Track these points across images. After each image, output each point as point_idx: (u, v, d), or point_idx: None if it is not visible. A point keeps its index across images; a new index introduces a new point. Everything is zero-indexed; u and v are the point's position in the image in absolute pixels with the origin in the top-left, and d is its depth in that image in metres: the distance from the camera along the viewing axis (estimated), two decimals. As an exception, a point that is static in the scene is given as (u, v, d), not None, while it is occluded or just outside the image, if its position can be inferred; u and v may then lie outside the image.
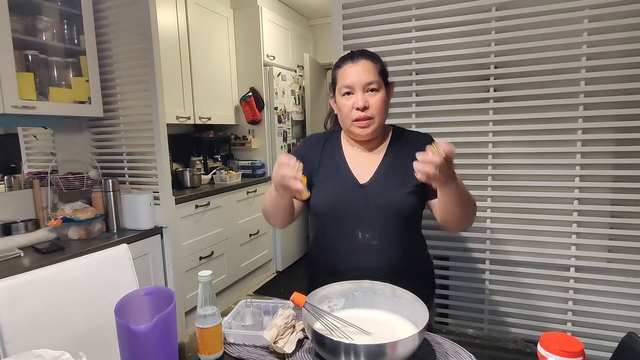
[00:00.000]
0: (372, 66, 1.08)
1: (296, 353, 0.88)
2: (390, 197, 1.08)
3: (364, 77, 1.06)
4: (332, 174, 1.15)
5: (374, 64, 1.08)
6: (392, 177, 1.10)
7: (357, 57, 1.09)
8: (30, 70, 1.77)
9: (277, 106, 3.46)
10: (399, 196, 1.08)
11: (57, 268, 1.11)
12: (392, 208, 1.08)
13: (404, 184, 1.09)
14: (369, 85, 1.06)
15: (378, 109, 1.07)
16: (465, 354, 0.87)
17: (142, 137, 2.04)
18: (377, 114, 1.08)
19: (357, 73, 1.07)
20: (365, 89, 1.07)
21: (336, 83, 1.12)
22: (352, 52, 1.12)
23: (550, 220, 1.51)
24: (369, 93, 1.07)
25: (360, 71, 1.07)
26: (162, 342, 0.78)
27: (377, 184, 1.10)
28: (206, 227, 2.69)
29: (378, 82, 1.07)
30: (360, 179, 1.12)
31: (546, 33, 1.43)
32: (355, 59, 1.09)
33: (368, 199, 1.09)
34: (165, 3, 2.63)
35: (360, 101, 1.06)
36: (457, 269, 1.67)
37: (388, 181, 1.10)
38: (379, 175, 1.11)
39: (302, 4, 4.05)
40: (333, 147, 1.19)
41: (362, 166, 1.14)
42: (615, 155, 1.43)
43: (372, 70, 1.07)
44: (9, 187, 1.87)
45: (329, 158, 1.17)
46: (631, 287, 1.43)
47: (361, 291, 0.99)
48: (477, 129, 1.57)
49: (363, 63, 1.08)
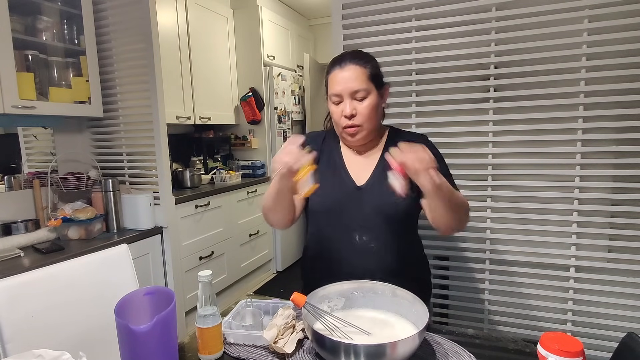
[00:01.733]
0: (360, 72, 1.03)
1: (296, 353, 0.88)
2: (386, 199, 1.07)
3: (351, 84, 1.03)
4: (330, 175, 1.14)
5: (362, 69, 1.04)
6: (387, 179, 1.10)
7: (345, 62, 1.04)
8: (30, 70, 1.77)
9: (277, 106, 3.46)
10: (395, 199, 1.06)
11: (57, 268, 1.10)
12: (389, 210, 1.07)
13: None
14: (355, 93, 1.03)
15: (366, 116, 1.05)
16: (465, 354, 0.87)
17: (142, 137, 2.04)
18: (366, 121, 1.05)
19: (344, 80, 1.03)
20: (352, 97, 1.04)
21: (327, 88, 1.09)
22: (342, 55, 1.08)
23: (550, 220, 1.51)
24: (357, 100, 1.04)
25: (347, 78, 1.03)
26: (162, 342, 0.78)
27: (373, 186, 1.09)
28: (206, 227, 2.69)
29: (367, 89, 1.03)
30: (358, 181, 1.11)
31: (546, 33, 1.43)
32: (343, 64, 1.04)
33: (365, 201, 1.08)
34: (165, 3, 2.63)
35: (347, 109, 1.03)
36: (457, 269, 1.67)
37: (384, 183, 1.09)
38: (375, 178, 1.10)
39: (302, 4, 4.05)
40: (331, 148, 1.18)
41: (359, 168, 1.13)
42: (615, 155, 1.43)
43: (360, 76, 1.03)
44: (9, 187, 1.87)
45: (327, 157, 1.17)
46: (631, 287, 1.44)
47: (361, 291, 0.99)
48: (477, 129, 1.57)
49: (351, 69, 1.03)
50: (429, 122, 1.64)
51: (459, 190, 1.14)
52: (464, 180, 1.60)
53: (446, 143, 1.61)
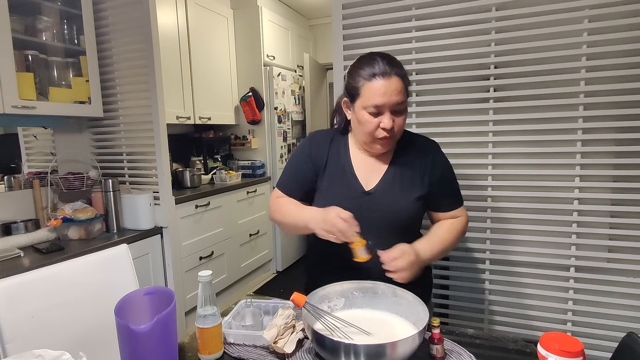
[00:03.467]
0: (402, 84, 1.00)
1: (296, 353, 0.88)
2: (395, 207, 1.07)
3: (396, 97, 0.99)
4: (338, 178, 1.12)
5: (403, 82, 1.00)
6: (398, 186, 1.09)
7: (390, 73, 0.99)
8: (30, 70, 1.77)
9: (277, 106, 3.46)
10: (403, 205, 1.07)
11: (57, 268, 1.10)
12: (396, 217, 1.07)
13: (409, 193, 1.08)
14: (398, 106, 1.01)
15: (402, 128, 1.05)
16: (465, 354, 0.87)
17: (142, 137, 2.04)
18: (400, 132, 1.06)
19: (389, 93, 0.98)
20: (392, 110, 1.01)
21: (359, 94, 1.02)
22: (384, 63, 1.00)
23: (550, 220, 1.51)
24: (396, 112, 1.02)
25: (392, 91, 0.98)
26: (162, 342, 0.78)
27: (382, 192, 1.09)
28: (206, 227, 2.69)
29: (405, 101, 1.02)
30: (366, 185, 1.10)
31: (546, 33, 1.43)
32: (388, 74, 0.98)
33: (373, 206, 1.07)
34: (165, 3, 2.63)
35: (389, 123, 1.00)
36: (457, 269, 1.67)
37: (394, 190, 1.09)
38: (384, 183, 1.09)
39: (302, 4, 4.05)
40: (340, 150, 1.15)
41: (369, 172, 1.11)
42: (616, 155, 1.43)
43: (402, 88, 1.00)
44: (9, 187, 1.87)
45: (335, 160, 1.14)
46: (631, 287, 1.43)
47: (361, 291, 0.99)
48: (477, 129, 1.57)
49: (396, 81, 0.99)
50: (429, 122, 1.64)
51: (461, 202, 1.16)
52: (464, 180, 1.60)
53: (446, 143, 1.61)
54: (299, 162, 1.18)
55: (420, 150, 1.13)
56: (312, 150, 1.16)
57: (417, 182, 1.10)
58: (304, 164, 1.16)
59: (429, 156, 1.12)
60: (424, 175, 1.11)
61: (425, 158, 1.12)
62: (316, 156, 1.15)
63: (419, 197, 1.09)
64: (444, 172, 1.13)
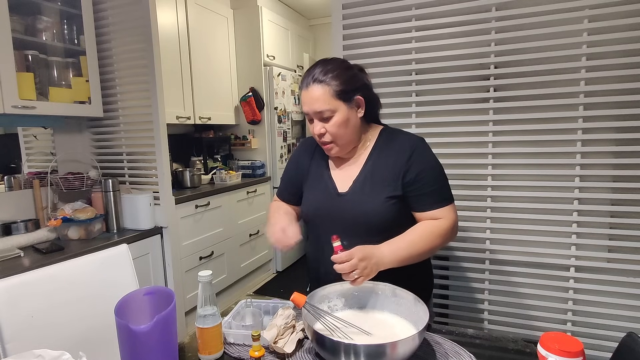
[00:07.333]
0: (322, 92, 1.01)
1: (296, 353, 0.88)
2: (364, 208, 1.06)
3: (315, 106, 1.02)
4: (316, 181, 1.16)
5: (326, 88, 1.01)
6: (368, 186, 1.08)
7: (308, 83, 1.03)
8: (30, 70, 1.77)
9: (277, 106, 3.46)
10: (372, 207, 1.05)
11: (57, 268, 1.11)
12: (366, 219, 1.06)
13: (380, 193, 1.06)
14: (320, 114, 1.03)
15: (334, 134, 1.05)
16: (465, 354, 0.87)
17: (142, 137, 2.04)
18: (336, 137, 1.06)
19: (309, 102, 1.03)
20: (319, 116, 1.04)
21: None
22: (308, 72, 1.05)
23: (550, 220, 1.51)
24: (324, 120, 1.04)
25: (311, 99, 1.02)
26: (162, 342, 0.78)
27: (353, 193, 1.09)
28: (206, 227, 2.69)
29: (331, 109, 1.02)
30: (340, 187, 1.11)
31: (546, 33, 1.43)
32: (307, 83, 1.04)
33: (345, 208, 1.08)
34: (165, 3, 2.63)
35: (317, 129, 1.06)
36: (457, 269, 1.67)
37: (364, 190, 1.08)
38: (356, 185, 1.09)
39: (302, 4, 4.05)
40: (322, 155, 1.18)
41: (345, 175, 1.13)
42: (615, 155, 1.43)
43: (322, 96, 1.01)
44: (9, 187, 1.87)
45: (317, 164, 1.19)
46: (631, 287, 1.44)
47: (361, 291, 0.99)
48: (477, 129, 1.57)
49: (314, 89, 1.02)
50: (428, 122, 1.64)
51: (445, 203, 1.07)
52: (464, 180, 1.61)
53: (446, 143, 1.61)
54: (290, 168, 1.26)
55: (399, 149, 1.09)
56: (299, 155, 1.24)
57: (389, 182, 1.06)
58: (294, 170, 1.24)
59: (406, 154, 1.07)
60: (399, 174, 1.07)
61: (403, 156, 1.07)
62: (302, 162, 1.21)
63: (390, 197, 1.05)
64: (422, 170, 1.06)
